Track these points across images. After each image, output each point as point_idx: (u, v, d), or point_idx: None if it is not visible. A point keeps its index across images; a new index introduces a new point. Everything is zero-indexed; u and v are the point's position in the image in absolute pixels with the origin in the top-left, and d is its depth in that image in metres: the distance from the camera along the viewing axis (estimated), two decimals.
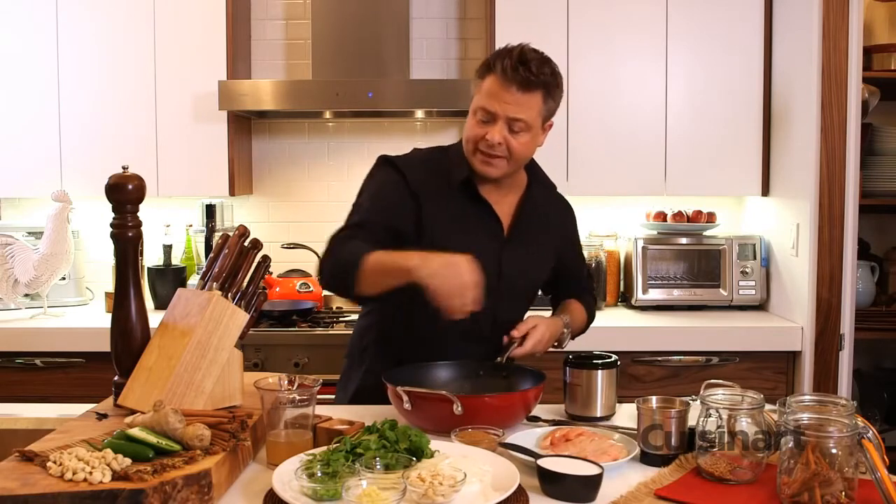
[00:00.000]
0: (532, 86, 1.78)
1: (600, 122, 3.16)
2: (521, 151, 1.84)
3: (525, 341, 1.85)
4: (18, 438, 1.62)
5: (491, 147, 1.80)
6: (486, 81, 1.80)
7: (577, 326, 2.07)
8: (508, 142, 1.80)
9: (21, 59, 3.16)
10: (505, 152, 1.81)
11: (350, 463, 1.28)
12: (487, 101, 1.79)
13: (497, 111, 1.78)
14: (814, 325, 2.82)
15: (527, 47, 1.81)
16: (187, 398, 1.53)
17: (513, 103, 1.77)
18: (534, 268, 2.00)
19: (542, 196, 2.02)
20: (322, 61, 3.23)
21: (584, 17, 3.13)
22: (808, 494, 1.25)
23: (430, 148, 2.02)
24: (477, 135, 1.81)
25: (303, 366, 2.87)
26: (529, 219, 1.97)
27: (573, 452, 1.45)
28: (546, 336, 1.88)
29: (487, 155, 1.82)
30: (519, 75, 1.76)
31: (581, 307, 2.10)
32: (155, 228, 3.33)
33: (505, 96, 1.77)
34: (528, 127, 1.81)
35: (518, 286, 1.95)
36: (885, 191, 3.15)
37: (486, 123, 1.80)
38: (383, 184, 1.90)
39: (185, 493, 1.22)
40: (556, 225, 2.05)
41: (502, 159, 1.83)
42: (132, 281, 1.63)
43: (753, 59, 3.13)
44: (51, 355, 2.89)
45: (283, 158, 3.56)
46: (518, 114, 1.78)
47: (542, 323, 1.89)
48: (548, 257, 2.04)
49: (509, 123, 1.79)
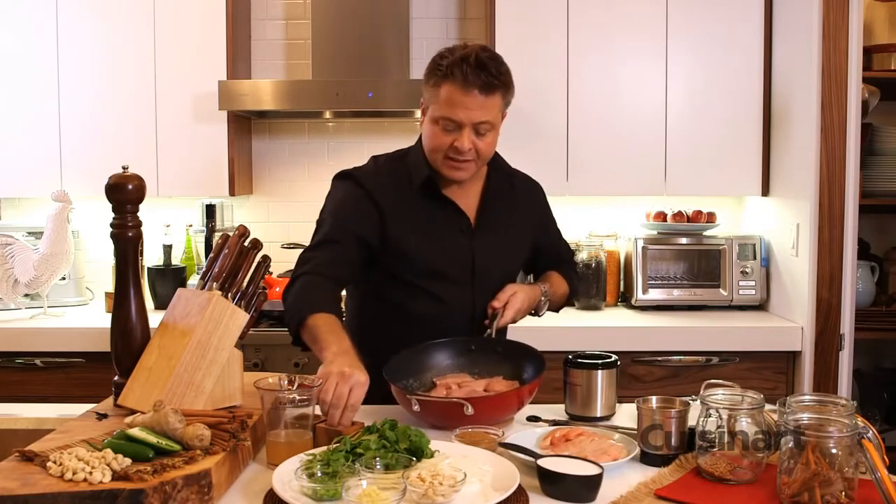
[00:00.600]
0: (494, 88, 1.79)
1: (600, 123, 3.16)
2: (487, 151, 1.87)
3: (505, 311, 1.88)
4: (18, 438, 1.62)
5: (460, 153, 1.82)
6: (444, 89, 1.79)
7: (557, 296, 2.09)
8: (476, 145, 1.82)
9: (21, 59, 3.16)
10: (473, 155, 1.84)
11: (350, 463, 1.28)
12: (451, 111, 1.79)
13: (462, 119, 1.79)
14: (814, 325, 2.82)
15: (478, 50, 1.80)
16: (187, 398, 1.53)
17: (477, 108, 1.78)
18: (507, 254, 2.01)
19: (503, 181, 2.03)
20: (322, 61, 3.23)
21: (584, 17, 3.13)
22: (808, 494, 1.25)
23: (388, 155, 2.03)
24: (443, 143, 1.82)
25: (303, 366, 2.87)
26: (494, 206, 1.99)
27: (573, 452, 1.45)
28: (524, 304, 1.92)
29: (456, 161, 1.84)
30: (480, 80, 1.77)
31: (560, 277, 2.12)
32: (155, 228, 3.33)
33: (468, 102, 1.78)
34: (492, 127, 1.84)
35: (493, 275, 1.96)
36: (885, 191, 3.15)
37: (451, 132, 1.81)
38: (344, 198, 1.93)
39: (185, 493, 1.22)
40: (523, 206, 2.06)
41: (471, 162, 1.85)
42: (132, 281, 1.63)
43: (753, 59, 3.13)
44: (51, 355, 2.89)
45: (283, 158, 3.56)
46: (483, 117, 1.80)
47: (521, 290, 1.92)
48: (520, 241, 2.05)
49: (475, 128, 1.80)
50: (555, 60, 3.13)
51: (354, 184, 1.93)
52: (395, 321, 1.95)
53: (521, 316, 1.94)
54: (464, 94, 1.77)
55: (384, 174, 1.95)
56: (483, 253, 1.95)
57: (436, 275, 1.91)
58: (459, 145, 1.80)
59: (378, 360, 1.80)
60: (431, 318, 1.92)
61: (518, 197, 2.05)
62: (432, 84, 1.82)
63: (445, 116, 1.80)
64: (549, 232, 2.18)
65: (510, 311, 1.89)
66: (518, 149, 3.16)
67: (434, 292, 1.91)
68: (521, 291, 1.92)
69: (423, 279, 1.91)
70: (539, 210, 2.14)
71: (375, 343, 1.93)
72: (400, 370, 1.75)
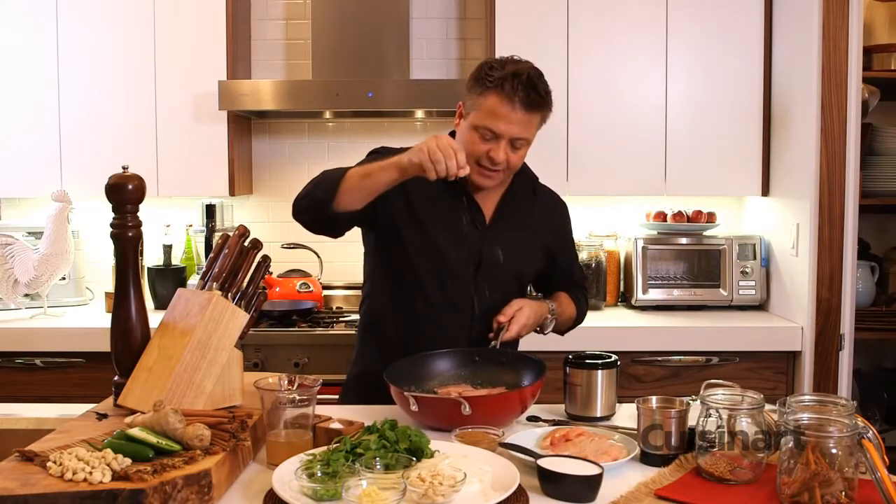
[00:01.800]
0: (539, 107, 1.83)
1: (600, 123, 3.16)
2: (517, 164, 1.91)
3: (510, 325, 1.88)
4: (18, 438, 1.62)
5: (493, 164, 1.85)
6: (490, 99, 1.82)
7: (564, 317, 2.08)
8: (509, 157, 1.86)
9: (21, 59, 3.16)
10: (504, 167, 1.87)
11: (350, 463, 1.28)
12: (493, 122, 1.82)
13: (503, 131, 1.82)
14: (814, 325, 2.82)
15: (530, 68, 1.84)
16: (187, 398, 1.54)
17: (518, 124, 1.82)
18: (516, 258, 1.99)
19: (526, 187, 2.05)
20: (322, 61, 3.23)
21: (584, 17, 3.13)
22: (808, 494, 1.25)
23: None
24: (480, 150, 1.85)
25: (303, 366, 2.87)
26: (512, 210, 2.00)
27: (573, 452, 1.45)
28: (531, 319, 1.91)
29: (488, 170, 1.87)
30: (529, 99, 1.80)
31: (570, 300, 2.11)
32: (155, 228, 3.33)
33: (512, 117, 1.81)
34: (528, 143, 1.88)
35: (498, 275, 1.96)
36: (885, 191, 3.15)
37: (488, 141, 1.84)
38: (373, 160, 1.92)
39: (185, 493, 1.22)
40: (542, 214, 2.07)
41: (500, 173, 1.88)
42: (132, 281, 1.63)
43: (753, 59, 3.13)
44: (51, 355, 2.89)
45: (283, 158, 3.56)
46: (522, 134, 1.84)
47: (527, 305, 1.92)
48: (532, 246, 2.04)
49: (512, 142, 1.84)
50: (555, 60, 3.13)
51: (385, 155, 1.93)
52: (399, 313, 1.95)
53: (526, 332, 1.93)
54: (509, 109, 1.80)
55: None
56: (490, 251, 1.95)
57: (440, 259, 1.90)
58: (495, 156, 1.83)
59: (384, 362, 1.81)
60: (432, 312, 1.92)
61: (538, 205, 2.06)
62: (479, 93, 1.84)
63: (486, 126, 1.82)
64: (566, 251, 2.17)
65: (515, 325, 1.88)
66: None
67: (435, 280, 1.91)
68: (527, 307, 1.91)
69: (426, 263, 1.90)
70: (558, 224, 2.14)
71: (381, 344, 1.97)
72: (402, 376, 1.74)
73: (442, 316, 1.93)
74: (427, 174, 1.67)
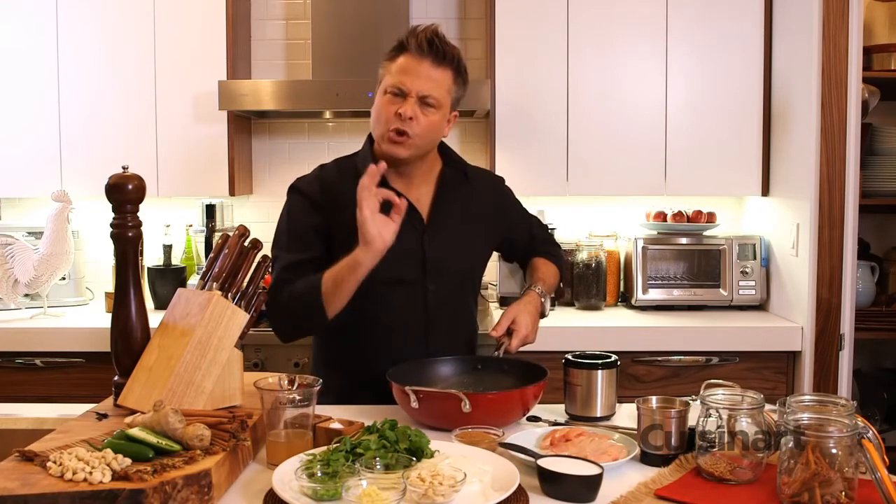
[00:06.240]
0: (445, 60, 1.83)
1: (600, 122, 3.16)
2: (429, 130, 1.85)
3: (512, 340, 1.88)
4: (18, 438, 1.62)
5: (402, 121, 1.81)
6: (398, 60, 1.84)
7: (552, 283, 2.08)
8: (418, 117, 1.82)
9: (21, 59, 3.16)
10: (414, 129, 1.82)
11: (350, 463, 1.28)
12: (399, 78, 1.82)
13: (410, 87, 1.81)
14: (814, 325, 2.82)
15: (434, 27, 1.85)
16: (187, 398, 1.54)
17: (426, 78, 1.82)
18: (461, 251, 1.96)
19: (457, 174, 2.02)
20: (322, 61, 3.23)
21: (584, 17, 3.13)
22: (808, 494, 1.25)
23: (337, 158, 2.06)
24: (390, 113, 1.83)
25: (303, 366, 2.87)
26: (449, 203, 1.97)
27: (573, 452, 1.45)
28: (530, 326, 1.90)
29: (397, 133, 1.83)
30: (433, 49, 1.81)
31: (545, 261, 2.11)
32: (155, 228, 3.33)
33: (419, 70, 1.81)
34: (438, 104, 1.84)
35: (446, 271, 1.93)
36: (885, 191, 3.15)
37: (397, 97, 1.83)
38: (291, 214, 1.95)
39: (185, 493, 1.22)
40: (480, 199, 2.03)
41: (412, 139, 1.83)
42: (132, 281, 1.63)
43: (753, 59, 3.13)
44: (51, 355, 2.89)
45: (283, 158, 3.56)
46: (431, 90, 1.82)
47: (521, 311, 1.90)
48: (476, 236, 2.01)
49: (421, 99, 1.82)
50: (555, 60, 3.13)
51: (299, 195, 1.95)
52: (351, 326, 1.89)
53: (532, 336, 1.91)
54: (415, 62, 1.81)
55: (329, 176, 1.97)
56: (434, 249, 1.91)
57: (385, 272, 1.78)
58: (403, 111, 1.80)
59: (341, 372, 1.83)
60: (385, 323, 1.90)
61: (474, 190, 2.03)
62: (388, 59, 1.87)
63: (394, 84, 1.82)
64: (519, 220, 2.16)
65: (516, 340, 1.87)
66: (518, 149, 3.19)
67: (383, 292, 1.86)
68: (522, 313, 1.90)
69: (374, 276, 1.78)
70: (499, 200, 2.10)
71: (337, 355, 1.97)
72: (405, 378, 1.74)
73: (399, 326, 1.90)
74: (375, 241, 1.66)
